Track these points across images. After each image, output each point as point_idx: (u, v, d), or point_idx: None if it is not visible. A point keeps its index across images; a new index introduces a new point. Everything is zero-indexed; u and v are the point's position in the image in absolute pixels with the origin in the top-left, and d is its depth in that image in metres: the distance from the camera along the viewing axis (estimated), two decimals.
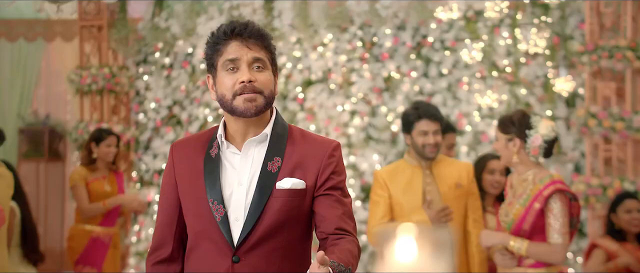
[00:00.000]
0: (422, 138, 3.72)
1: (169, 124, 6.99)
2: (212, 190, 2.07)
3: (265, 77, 2.08)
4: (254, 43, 2.08)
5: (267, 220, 2.04)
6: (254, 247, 2.04)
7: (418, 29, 6.38)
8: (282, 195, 2.05)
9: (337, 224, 2.07)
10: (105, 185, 5.12)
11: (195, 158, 2.14)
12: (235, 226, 2.05)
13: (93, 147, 5.09)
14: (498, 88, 6.11)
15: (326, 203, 2.09)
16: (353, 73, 6.47)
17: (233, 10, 6.76)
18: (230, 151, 2.12)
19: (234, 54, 2.07)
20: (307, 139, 2.16)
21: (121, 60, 7.17)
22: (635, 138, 5.40)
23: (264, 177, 2.06)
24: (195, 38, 6.91)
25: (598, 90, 5.54)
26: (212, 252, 2.07)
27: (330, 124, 6.43)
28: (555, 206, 3.33)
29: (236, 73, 2.06)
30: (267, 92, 2.08)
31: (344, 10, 6.42)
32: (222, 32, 2.09)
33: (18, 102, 7.56)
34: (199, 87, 6.91)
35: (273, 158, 2.09)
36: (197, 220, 2.10)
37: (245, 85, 2.04)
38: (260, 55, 2.08)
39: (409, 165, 3.81)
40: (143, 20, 7.13)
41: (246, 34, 2.07)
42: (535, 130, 3.41)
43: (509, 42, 6.12)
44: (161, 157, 6.95)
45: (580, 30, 5.98)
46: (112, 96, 7.01)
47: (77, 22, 7.06)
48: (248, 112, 2.05)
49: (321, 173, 2.09)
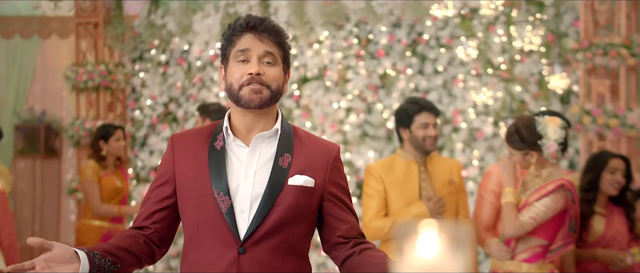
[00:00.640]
0: (423, 131, 3.75)
1: (165, 120, 7.01)
2: (218, 181, 2.07)
3: (274, 72, 2.11)
4: (268, 37, 2.11)
5: (276, 215, 2.06)
6: (260, 240, 2.06)
7: (413, 26, 6.41)
8: (293, 191, 2.08)
9: (358, 230, 2.17)
10: (116, 181, 5.10)
11: (199, 150, 2.14)
12: (241, 218, 2.07)
13: (102, 144, 5.06)
14: (493, 85, 6.14)
15: (342, 207, 2.16)
16: (349, 70, 6.49)
17: (229, 8, 6.77)
18: (237, 144, 2.14)
19: (245, 44, 2.10)
20: (312, 140, 2.21)
21: (117, 57, 7.17)
22: (629, 135, 5.43)
23: (276, 172, 2.09)
24: (191, 35, 6.92)
25: (592, 87, 5.57)
26: (216, 243, 2.07)
27: (326, 121, 6.46)
28: (549, 198, 3.34)
29: (246, 65, 2.09)
30: (274, 87, 2.10)
31: (340, 7, 6.44)
32: (238, 24, 2.12)
33: (14, 99, 7.56)
34: (194, 84, 6.92)
35: (283, 154, 2.12)
36: (199, 210, 2.09)
37: (253, 77, 2.07)
38: (271, 50, 2.11)
39: (404, 160, 3.83)
40: (139, 17, 7.14)
41: (261, 28, 2.10)
42: (547, 138, 3.39)
43: (504, 40, 6.15)
44: (157, 154, 6.97)
45: (575, 27, 6.01)
46: (108, 93, 7.01)
47: (73, 19, 7.06)
48: (252, 103, 2.08)
49: (329, 175, 2.15)
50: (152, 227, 2.16)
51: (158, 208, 2.16)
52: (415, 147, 3.79)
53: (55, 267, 1.90)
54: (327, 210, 2.16)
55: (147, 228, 2.17)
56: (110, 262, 2.03)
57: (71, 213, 7.55)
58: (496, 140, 6.07)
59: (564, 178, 3.38)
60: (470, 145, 6.18)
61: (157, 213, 2.16)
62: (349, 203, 2.19)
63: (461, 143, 6.15)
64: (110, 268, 2.03)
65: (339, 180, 2.18)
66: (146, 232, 2.16)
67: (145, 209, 2.19)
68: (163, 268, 6.77)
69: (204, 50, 6.89)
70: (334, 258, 2.19)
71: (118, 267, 2.06)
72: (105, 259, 2.02)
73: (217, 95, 6.77)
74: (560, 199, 3.36)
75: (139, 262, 2.14)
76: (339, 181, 2.18)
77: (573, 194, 3.39)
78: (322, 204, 2.16)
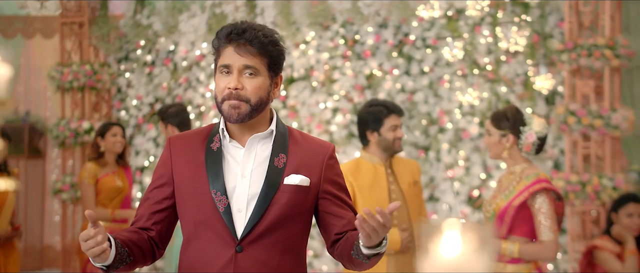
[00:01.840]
0: (393, 133, 3.82)
1: (151, 121, 6.98)
2: (215, 181, 2.12)
3: (255, 83, 2.13)
4: (249, 49, 2.11)
5: (272, 214, 2.11)
6: (258, 239, 2.10)
7: (400, 27, 6.43)
8: (289, 190, 2.13)
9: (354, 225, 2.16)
10: (116, 181, 5.07)
11: (196, 151, 2.19)
12: (238, 217, 2.11)
13: (100, 141, 5.05)
14: (479, 86, 6.17)
15: (339, 204, 2.20)
16: (335, 70, 6.50)
17: (215, 8, 6.76)
18: (233, 145, 2.19)
19: (226, 59, 2.13)
20: (307, 139, 2.25)
21: (102, 57, 7.13)
22: (613, 135, 5.49)
23: (271, 172, 2.13)
24: (177, 35, 6.90)
25: (577, 88, 5.62)
26: (214, 242, 2.11)
27: (313, 121, 6.46)
28: (544, 205, 3.37)
29: (228, 77, 2.13)
30: (255, 100, 2.13)
31: (326, 8, 6.45)
32: (222, 34, 2.14)
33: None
34: (180, 85, 6.90)
35: (278, 154, 2.16)
36: (197, 210, 2.14)
37: (232, 92, 2.10)
38: (251, 62, 2.12)
39: (370, 163, 3.87)
40: (124, 17, 7.11)
41: (242, 40, 2.11)
42: (529, 127, 3.45)
43: (489, 40, 6.19)
44: (143, 154, 6.94)
45: (560, 28, 6.06)
46: (93, 93, 6.98)
47: (58, 19, 7.02)
48: (231, 118, 2.13)
49: (324, 173, 2.19)
50: (154, 228, 2.19)
51: (158, 209, 2.20)
52: (383, 149, 3.84)
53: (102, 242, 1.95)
54: (323, 208, 2.20)
55: (149, 230, 2.19)
56: (127, 253, 2.08)
57: (55, 213, 7.52)
58: (482, 141, 6.10)
59: (539, 176, 3.43)
60: (456, 146, 6.21)
61: (157, 214, 2.20)
62: (346, 199, 2.23)
63: (447, 143, 6.18)
64: (127, 259, 2.08)
65: (334, 177, 2.22)
66: (149, 233, 2.19)
67: (145, 210, 2.21)
68: (149, 268, 6.75)
69: (190, 50, 6.88)
70: (337, 257, 2.22)
71: (131, 259, 2.10)
72: (124, 249, 2.07)
73: (203, 96, 6.76)
74: (551, 204, 3.40)
75: (144, 259, 2.17)
76: (334, 178, 2.22)
77: (556, 192, 3.44)
78: (318, 202, 2.20)
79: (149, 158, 6.93)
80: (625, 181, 5.42)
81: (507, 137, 3.48)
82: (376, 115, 3.82)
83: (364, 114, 3.88)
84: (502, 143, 3.50)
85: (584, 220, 5.54)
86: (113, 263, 2.02)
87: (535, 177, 3.41)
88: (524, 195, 3.40)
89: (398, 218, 3.82)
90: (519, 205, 3.40)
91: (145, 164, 6.93)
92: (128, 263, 2.09)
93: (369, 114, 3.84)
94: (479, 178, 6.12)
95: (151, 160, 6.91)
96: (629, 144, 5.94)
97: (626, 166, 5.76)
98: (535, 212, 3.38)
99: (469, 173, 6.16)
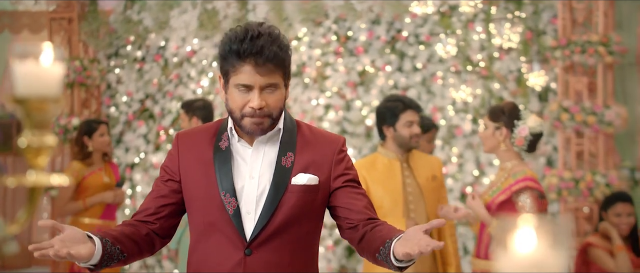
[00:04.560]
0: (409, 129, 3.78)
1: (141, 117, 6.92)
2: (225, 182, 2.08)
3: (276, 98, 2.07)
4: (269, 67, 2.03)
5: (281, 215, 2.07)
6: (267, 240, 2.06)
7: (392, 24, 6.41)
8: (297, 191, 2.09)
9: (367, 214, 2.13)
10: (104, 177, 5.03)
11: (204, 149, 2.15)
12: (247, 219, 2.07)
13: (86, 140, 4.97)
14: (472, 82, 6.16)
15: (349, 195, 2.14)
16: (327, 67, 6.47)
17: (206, 4, 6.71)
18: (241, 144, 2.14)
19: (246, 79, 2.03)
20: (316, 134, 2.21)
21: (92, 53, 7.06)
22: (607, 132, 5.49)
23: (279, 173, 2.09)
24: (167, 31, 6.84)
25: (570, 84, 5.62)
26: (223, 244, 2.08)
27: (305, 117, 6.43)
28: (527, 202, 3.39)
29: (248, 94, 2.04)
30: (276, 113, 2.09)
31: (319, 4, 6.42)
32: (237, 52, 2.02)
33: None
34: (171, 81, 6.85)
35: (286, 153, 2.12)
36: (206, 211, 2.10)
37: (256, 111, 2.04)
38: (273, 80, 2.04)
39: (386, 158, 3.85)
40: (114, 12, 7.04)
41: (261, 60, 2.01)
42: (524, 122, 3.47)
43: (482, 37, 6.18)
44: (133, 151, 6.88)
45: (553, 25, 6.05)
46: (82, 89, 6.91)
47: (46, 14, 6.94)
48: (255, 133, 2.09)
49: (334, 168, 2.14)
50: (157, 222, 2.16)
51: (162, 204, 2.16)
52: (399, 144, 3.82)
53: (71, 246, 1.92)
54: (335, 202, 2.16)
55: (151, 223, 2.16)
56: (119, 250, 2.05)
57: (44, 211, 7.44)
58: (475, 137, 6.10)
59: (526, 175, 3.44)
60: (449, 142, 6.20)
61: (161, 209, 2.16)
62: (358, 187, 2.18)
63: (440, 140, 6.16)
64: (119, 256, 2.05)
65: (344, 170, 2.17)
66: (150, 226, 2.16)
67: (149, 203, 2.18)
68: (138, 267, 6.69)
69: (181, 46, 6.82)
70: (349, 240, 2.19)
71: (125, 255, 2.07)
72: (115, 247, 2.04)
73: (194, 92, 6.71)
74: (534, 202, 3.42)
75: (141, 252, 2.14)
76: (344, 171, 2.16)
77: (539, 190, 3.46)
78: (330, 198, 2.16)
79: (139, 155, 6.87)
80: (618, 178, 5.43)
81: (501, 130, 3.50)
82: (392, 110, 3.78)
83: (382, 108, 3.86)
84: (496, 137, 3.51)
85: (577, 217, 5.54)
86: (100, 262, 1.99)
87: (522, 175, 3.44)
88: (506, 194, 3.44)
89: (415, 212, 3.81)
90: (501, 203, 3.42)
91: (135, 161, 6.87)
92: (121, 259, 2.06)
93: (386, 109, 3.81)
94: (472, 175, 6.11)
95: (141, 157, 6.86)
96: (622, 141, 5.94)
97: (619, 163, 5.76)
98: (519, 209, 3.40)
99: (462, 170, 6.15)
